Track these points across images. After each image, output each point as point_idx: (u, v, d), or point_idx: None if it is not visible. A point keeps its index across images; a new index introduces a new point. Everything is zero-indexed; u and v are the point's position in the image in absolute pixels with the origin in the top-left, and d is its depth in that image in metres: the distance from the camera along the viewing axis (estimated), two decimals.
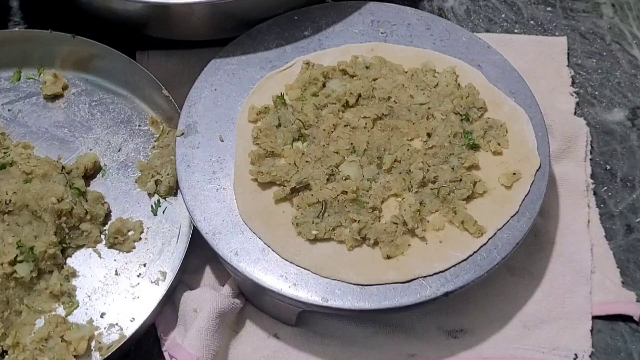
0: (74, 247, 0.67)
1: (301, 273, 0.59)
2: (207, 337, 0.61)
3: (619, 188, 0.72)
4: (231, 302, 0.63)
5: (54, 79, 0.75)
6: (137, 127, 0.74)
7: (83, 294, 0.65)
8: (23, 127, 0.74)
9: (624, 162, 0.73)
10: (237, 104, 0.67)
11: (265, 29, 0.71)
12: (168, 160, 0.70)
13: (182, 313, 0.63)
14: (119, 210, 0.69)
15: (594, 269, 0.67)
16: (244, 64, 0.70)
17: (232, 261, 0.60)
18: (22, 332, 0.62)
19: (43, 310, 0.64)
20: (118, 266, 0.66)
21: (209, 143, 0.65)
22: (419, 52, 0.70)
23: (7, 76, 0.76)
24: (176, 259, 0.66)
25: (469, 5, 0.84)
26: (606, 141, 0.75)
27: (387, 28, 0.71)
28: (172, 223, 0.69)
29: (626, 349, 0.64)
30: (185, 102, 0.68)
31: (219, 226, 0.61)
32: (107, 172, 0.71)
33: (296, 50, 0.70)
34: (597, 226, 0.69)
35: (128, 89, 0.75)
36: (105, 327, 0.64)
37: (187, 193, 0.63)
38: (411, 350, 0.63)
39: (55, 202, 0.64)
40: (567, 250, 0.67)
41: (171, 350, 0.62)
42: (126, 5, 0.69)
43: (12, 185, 0.65)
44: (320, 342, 0.64)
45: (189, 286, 0.66)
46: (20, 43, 0.75)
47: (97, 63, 0.75)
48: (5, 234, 0.63)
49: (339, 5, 0.73)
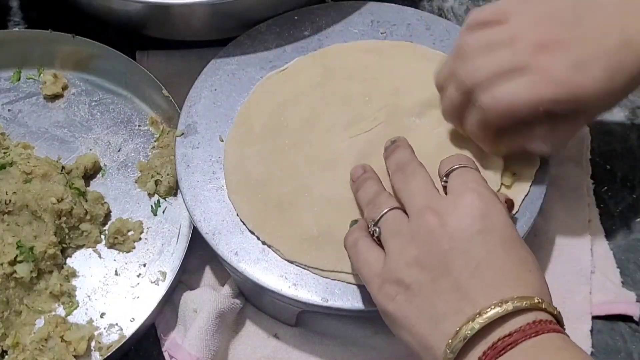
0: (73, 247, 0.67)
1: (301, 273, 0.59)
2: (207, 337, 0.61)
3: (619, 188, 0.72)
4: (231, 302, 0.63)
5: (54, 79, 0.75)
6: (137, 127, 0.74)
7: (83, 294, 0.65)
8: (23, 127, 0.74)
9: (624, 162, 0.73)
10: (237, 104, 0.67)
11: (265, 29, 0.71)
12: (168, 160, 0.70)
13: (182, 313, 0.63)
14: (118, 211, 0.69)
15: (594, 269, 0.67)
16: (243, 64, 0.70)
17: (232, 261, 0.60)
18: (22, 332, 0.62)
19: (43, 310, 0.64)
20: (118, 266, 0.67)
21: (209, 143, 0.65)
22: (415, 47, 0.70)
23: (7, 76, 0.76)
24: (176, 259, 0.66)
25: (469, 5, 0.83)
26: (606, 141, 0.74)
27: (387, 28, 0.71)
28: (172, 223, 0.69)
29: (626, 349, 0.64)
30: (185, 102, 0.68)
31: (219, 226, 0.61)
32: (107, 172, 0.71)
33: (296, 50, 0.70)
34: (597, 226, 0.69)
35: (128, 89, 0.75)
36: (105, 327, 0.64)
37: (187, 193, 0.63)
38: (411, 351, 0.63)
39: (55, 202, 0.64)
40: (567, 250, 0.67)
41: (171, 350, 0.62)
42: (126, 5, 0.69)
43: (12, 185, 0.65)
44: (320, 342, 0.64)
45: (189, 286, 0.66)
46: (20, 43, 0.75)
47: (97, 63, 0.75)
48: (5, 234, 0.63)
49: (339, 5, 0.73)
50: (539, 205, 0.61)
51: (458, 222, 0.49)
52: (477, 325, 0.45)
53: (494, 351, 0.45)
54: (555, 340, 0.46)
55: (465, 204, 0.50)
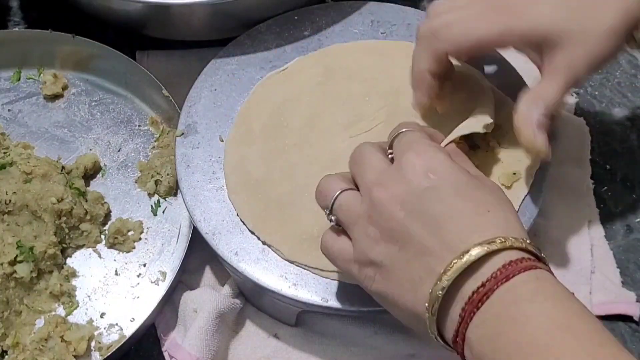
0: (73, 247, 0.67)
1: (301, 273, 0.59)
2: (207, 337, 0.61)
3: (619, 188, 0.72)
4: (231, 302, 0.63)
5: (54, 79, 0.75)
6: (137, 127, 0.74)
7: (83, 294, 0.65)
8: (23, 127, 0.74)
9: (624, 162, 0.73)
10: (237, 104, 0.67)
11: (265, 29, 0.71)
12: (168, 160, 0.70)
13: (182, 313, 0.64)
14: (118, 210, 0.69)
15: (594, 269, 0.67)
16: (243, 64, 0.70)
17: (232, 261, 0.60)
18: (22, 332, 0.62)
19: (43, 311, 0.64)
20: (118, 266, 0.67)
21: (209, 143, 0.65)
22: None
23: (7, 76, 0.76)
24: (176, 259, 0.66)
25: None
26: (606, 141, 0.75)
27: (387, 28, 0.71)
28: (172, 223, 0.69)
29: (626, 349, 0.64)
30: (185, 102, 0.68)
31: (219, 226, 0.61)
32: (107, 172, 0.71)
33: (296, 50, 0.70)
34: (597, 226, 0.69)
35: (128, 89, 0.75)
36: (105, 327, 0.64)
37: (187, 193, 0.63)
38: (411, 351, 0.63)
39: (55, 202, 0.64)
40: (567, 250, 0.67)
41: (171, 350, 0.62)
42: (126, 5, 0.69)
43: (12, 185, 0.65)
44: (320, 342, 0.64)
45: (189, 286, 0.66)
46: (20, 43, 0.75)
47: (97, 63, 0.75)
48: (5, 234, 0.64)
49: (339, 5, 0.73)
50: (539, 205, 0.61)
51: (404, 186, 0.47)
52: (445, 282, 0.44)
53: (471, 305, 0.43)
54: (530, 281, 0.43)
55: (406, 166, 0.48)
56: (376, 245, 0.48)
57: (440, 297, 0.44)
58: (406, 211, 0.47)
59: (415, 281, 0.46)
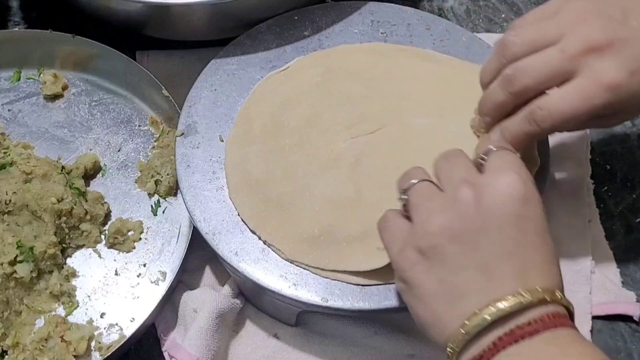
0: (73, 247, 0.67)
1: (301, 273, 0.59)
2: (207, 337, 0.61)
3: (619, 188, 0.72)
4: (231, 302, 0.63)
5: (54, 79, 0.75)
6: (137, 127, 0.74)
7: (83, 294, 0.65)
8: (23, 127, 0.74)
9: (624, 162, 0.73)
10: (237, 104, 0.67)
11: (265, 29, 0.71)
12: (168, 160, 0.70)
13: (182, 313, 0.63)
14: (118, 210, 0.69)
15: (594, 269, 0.67)
16: (243, 64, 0.70)
17: (232, 261, 0.60)
18: (22, 332, 0.62)
19: (43, 310, 0.64)
20: (118, 266, 0.67)
21: (209, 143, 0.65)
22: (418, 51, 0.70)
23: (7, 76, 0.76)
24: (176, 259, 0.66)
25: (469, 5, 0.84)
26: (606, 141, 0.75)
27: (387, 28, 0.71)
28: (172, 223, 0.69)
29: (626, 349, 0.64)
30: (185, 102, 0.68)
31: (219, 226, 0.61)
32: (107, 172, 0.71)
33: (296, 50, 0.70)
34: (597, 226, 0.69)
35: (128, 89, 0.75)
36: (105, 327, 0.64)
37: (187, 193, 0.63)
38: (411, 351, 0.63)
39: (55, 202, 0.64)
40: (567, 250, 0.67)
41: (171, 350, 0.62)
42: (126, 5, 0.69)
43: (12, 185, 0.65)
44: (320, 342, 0.64)
45: (189, 286, 0.66)
46: (20, 43, 0.75)
47: (97, 63, 0.75)
48: (5, 234, 0.64)
49: (339, 5, 0.73)
50: None
51: (496, 200, 0.46)
52: (499, 310, 0.44)
53: (511, 337, 0.44)
54: (571, 333, 0.45)
55: (506, 182, 0.47)
56: (435, 236, 0.47)
57: (485, 322, 0.45)
58: (486, 222, 0.46)
59: (457, 291, 0.46)
